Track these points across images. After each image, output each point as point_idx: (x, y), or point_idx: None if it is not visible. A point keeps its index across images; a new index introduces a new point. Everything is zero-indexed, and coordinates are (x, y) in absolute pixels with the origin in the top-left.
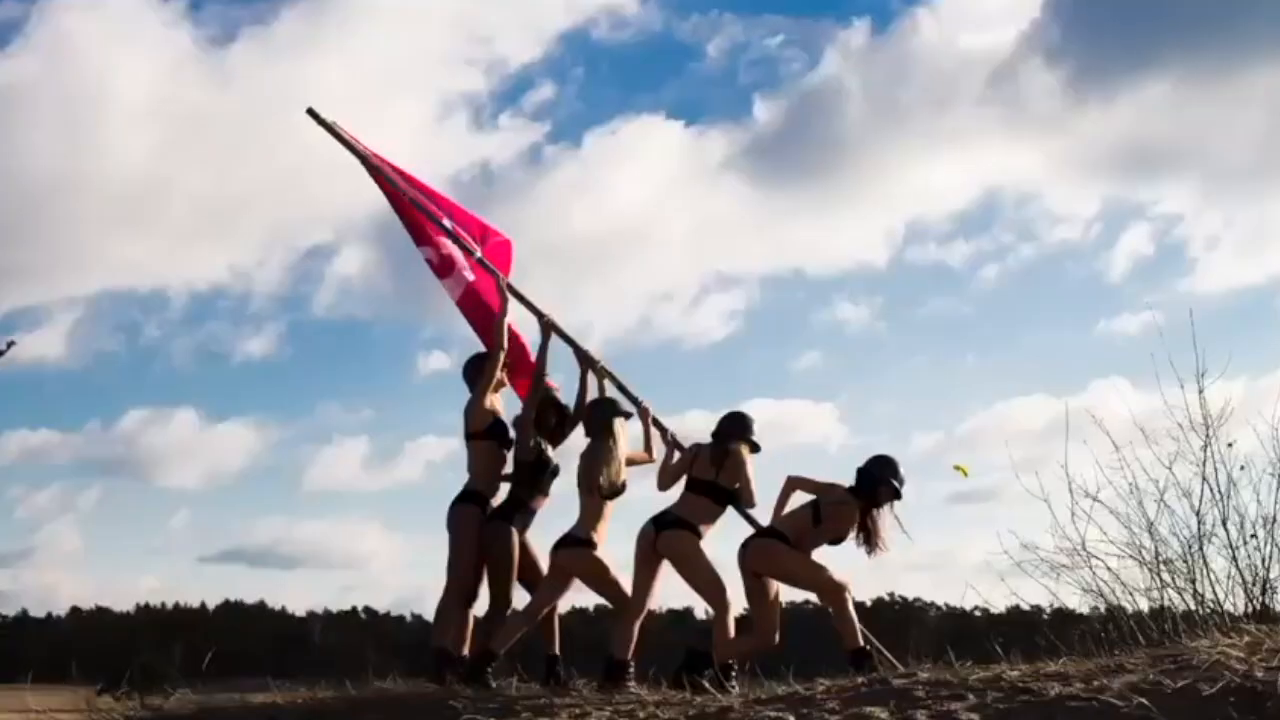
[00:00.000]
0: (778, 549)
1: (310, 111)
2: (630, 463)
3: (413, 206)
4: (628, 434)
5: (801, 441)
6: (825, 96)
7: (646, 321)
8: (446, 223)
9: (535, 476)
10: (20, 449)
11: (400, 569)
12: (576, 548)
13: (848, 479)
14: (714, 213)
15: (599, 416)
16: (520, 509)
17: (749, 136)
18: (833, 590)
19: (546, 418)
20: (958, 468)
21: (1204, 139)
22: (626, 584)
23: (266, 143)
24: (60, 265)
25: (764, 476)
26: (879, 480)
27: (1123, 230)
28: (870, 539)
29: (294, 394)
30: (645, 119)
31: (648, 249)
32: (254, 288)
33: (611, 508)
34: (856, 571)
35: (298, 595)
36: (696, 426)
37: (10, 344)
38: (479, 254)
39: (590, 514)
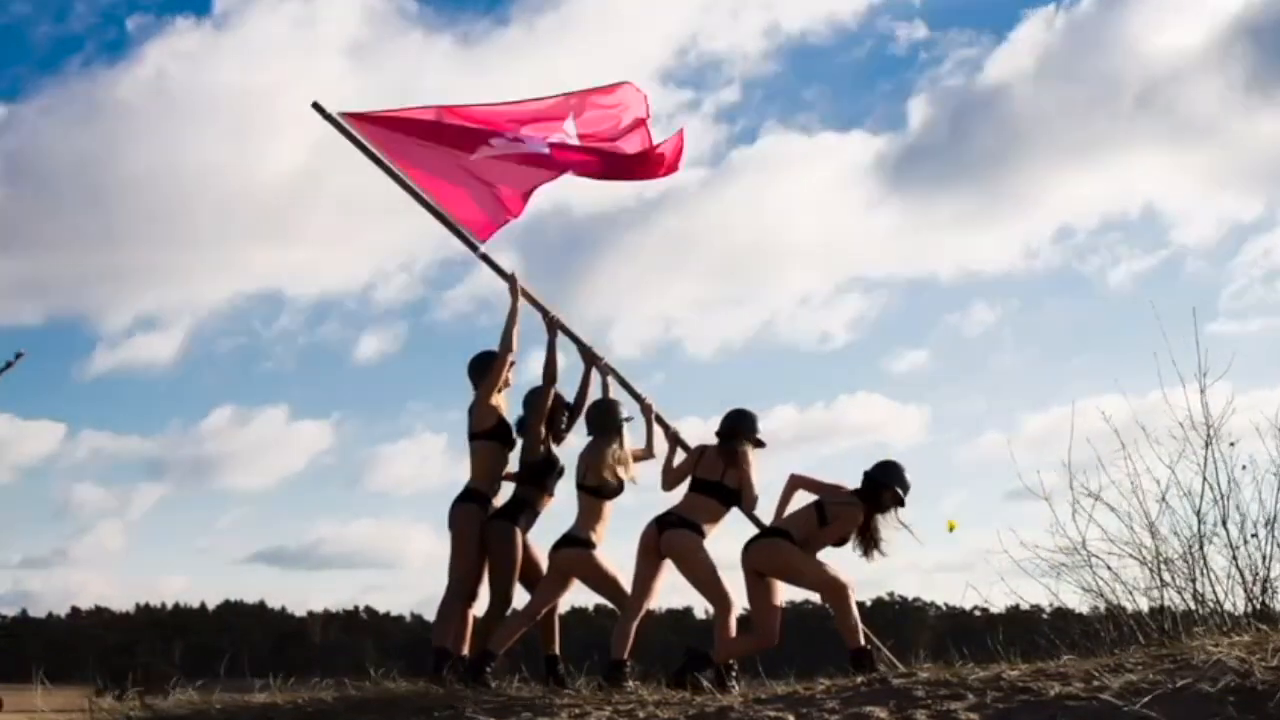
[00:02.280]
0: (782, 547)
1: (315, 106)
2: (632, 460)
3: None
4: (629, 435)
5: (874, 440)
6: (983, 104)
7: (776, 325)
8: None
9: (542, 477)
10: (93, 450)
11: (436, 570)
12: (575, 548)
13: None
14: (863, 218)
15: (602, 417)
16: (525, 509)
17: (905, 143)
18: (836, 589)
19: (557, 419)
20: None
21: None
22: (625, 584)
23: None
24: (197, 270)
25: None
26: (883, 485)
27: (1256, 240)
28: (869, 543)
29: (389, 395)
30: (813, 123)
31: (793, 254)
32: (384, 293)
33: (610, 508)
34: (866, 570)
35: (320, 596)
36: (817, 422)
37: (19, 355)
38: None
39: (589, 514)
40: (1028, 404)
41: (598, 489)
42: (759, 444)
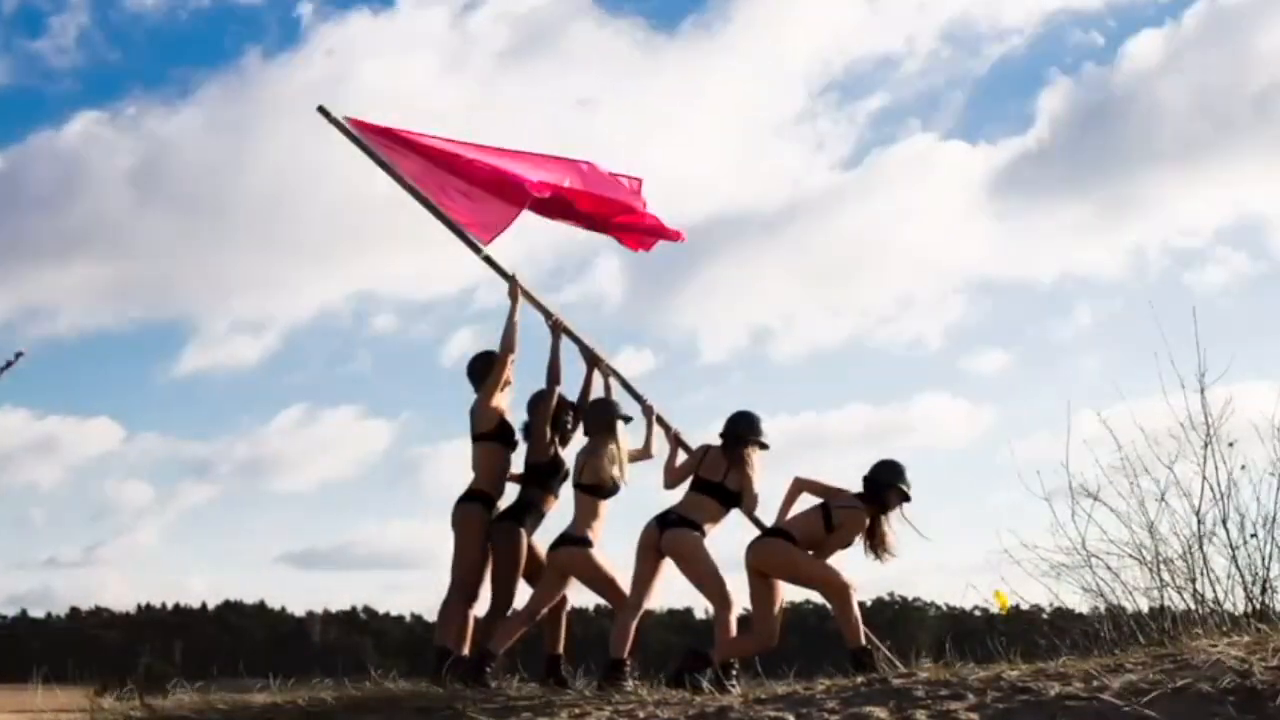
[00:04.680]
0: (785, 548)
1: (321, 109)
2: (630, 460)
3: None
4: (627, 436)
5: (923, 443)
6: (1102, 109)
7: (869, 327)
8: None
9: (547, 479)
10: (145, 450)
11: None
12: (573, 547)
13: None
14: (974, 221)
15: (600, 417)
16: (531, 511)
17: (1021, 146)
18: (838, 589)
19: (561, 420)
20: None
21: None
22: (623, 583)
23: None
24: (304, 276)
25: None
26: (887, 485)
27: None
28: (879, 545)
29: (467, 393)
30: (936, 129)
31: (898, 256)
32: (484, 294)
33: (607, 507)
34: (866, 571)
35: (342, 596)
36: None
37: (19, 355)
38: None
39: (586, 513)
40: (1092, 405)
41: (594, 488)
42: (763, 446)
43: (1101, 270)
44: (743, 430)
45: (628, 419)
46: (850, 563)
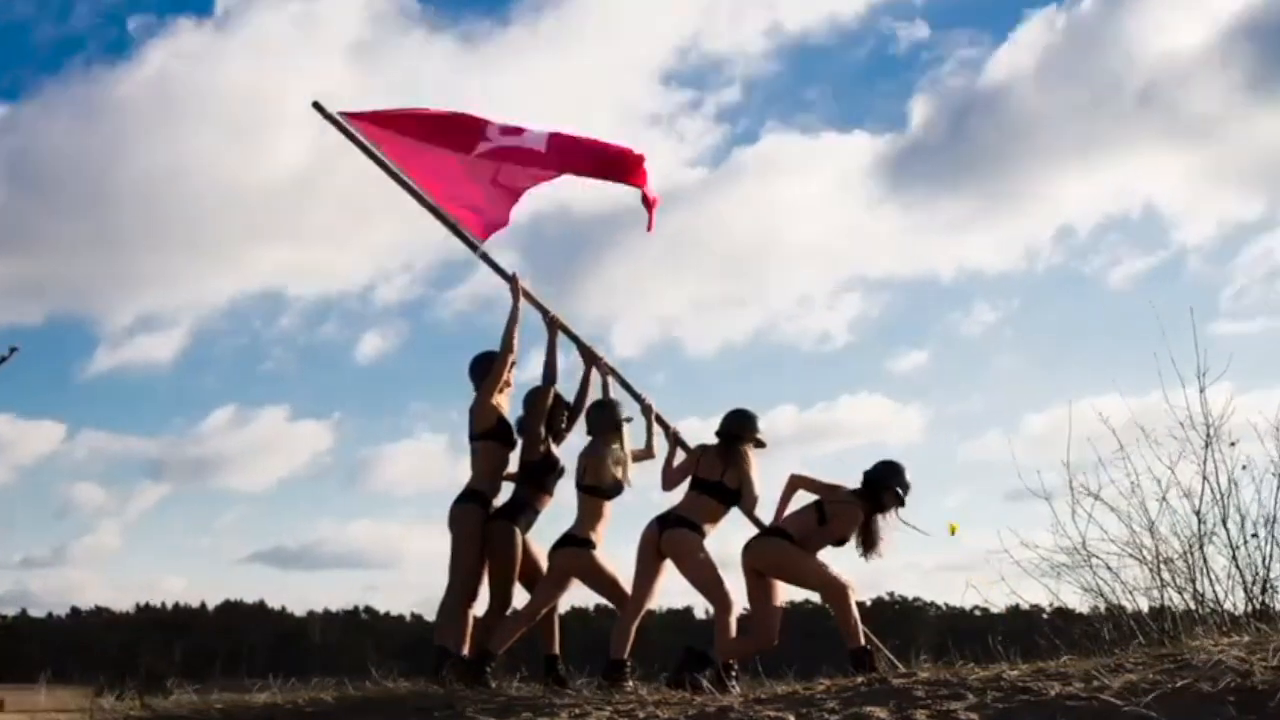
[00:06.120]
0: (782, 547)
1: (316, 105)
2: (632, 459)
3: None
4: (629, 436)
5: (869, 441)
6: (984, 103)
7: (776, 324)
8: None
9: (542, 477)
10: (93, 450)
11: (436, 570)
12: (575, 548)
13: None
14: (863, 218)
15: (602, 417)
16: (525, 509)
17: (906, 142)
18: (836, 589)
19: (556, 418)
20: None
21: None
22: (625, 584)
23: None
24: (199, 270)
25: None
26: (884, 485)
27: (1256, 241)
28: (869, 543)
29: (390, 395)
30: (815, 123)
31: (792, 253)
32: (385, 293)
33: (610, 508)
34: (866, 571)
35: (320, 596)
36: (807, 423)
37: (13, 350)
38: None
39: (589, 514)
40: (1027, 404)
41: (597, 489)
42: (759, 444)
43: (995, 265)
44: (739, 428)
45: (630, 419)
46: (849, 563)
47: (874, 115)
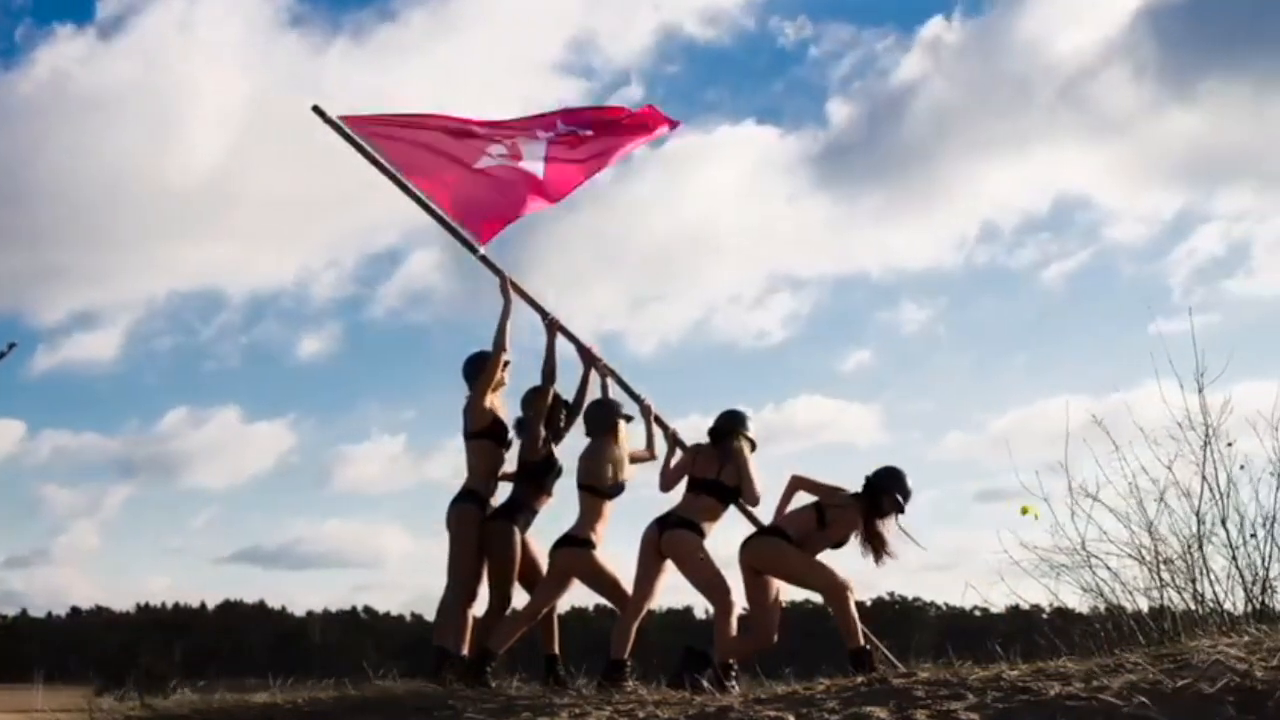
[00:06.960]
0: (781, 547)
1: (316, 109)
2: (632, 460)
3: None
4: (629, 435)
5: (832, 440)
6: (901, 101)
7: (711, 322)
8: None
9: (540, 476)
10: (55, 449)
11: (417, 569)
12: (575, 548)
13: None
14: (786, 215)
15: (601, 417)
16: (523, 509)
17: (825, 140)
18: (835, 589)
19: (555, 417)
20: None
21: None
22: (625, 584)
23: (344, 146)
24: (126, 267)
25: (776, 475)
26: (883, 490)
27: (1190, 233)
28: (878, 548)
29: (339, 395)
30: (722, 121)
31: (716, 251)
32: (316, 291)
33: (611, 508)
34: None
35: (306, 595)
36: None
37: (11, 346)
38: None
39: (589, 514)
40: (981, 404)
41: (597, 489)
42: (751, 444)
43: (922, 261)
44: (731, 425)
45: (629, 419)
46: (849, 563)
47: (779, 112)
